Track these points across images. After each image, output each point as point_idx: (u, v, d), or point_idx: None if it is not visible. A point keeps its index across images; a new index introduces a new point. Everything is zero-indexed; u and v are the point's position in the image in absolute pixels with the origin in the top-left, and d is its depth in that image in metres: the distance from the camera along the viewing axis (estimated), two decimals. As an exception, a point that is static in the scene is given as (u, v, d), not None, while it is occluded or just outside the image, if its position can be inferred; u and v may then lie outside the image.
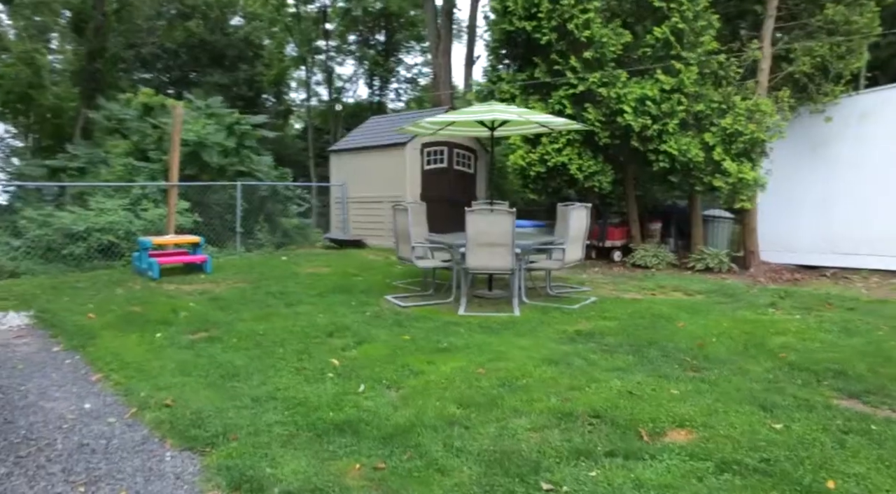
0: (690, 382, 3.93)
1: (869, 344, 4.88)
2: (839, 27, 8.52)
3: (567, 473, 2.69)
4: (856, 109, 8.99)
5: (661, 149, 8.46)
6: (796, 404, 3.52)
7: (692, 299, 6.99)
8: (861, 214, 9.09)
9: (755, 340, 5.02)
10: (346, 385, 3.96)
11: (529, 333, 5.32)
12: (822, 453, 2.84)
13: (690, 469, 2.70)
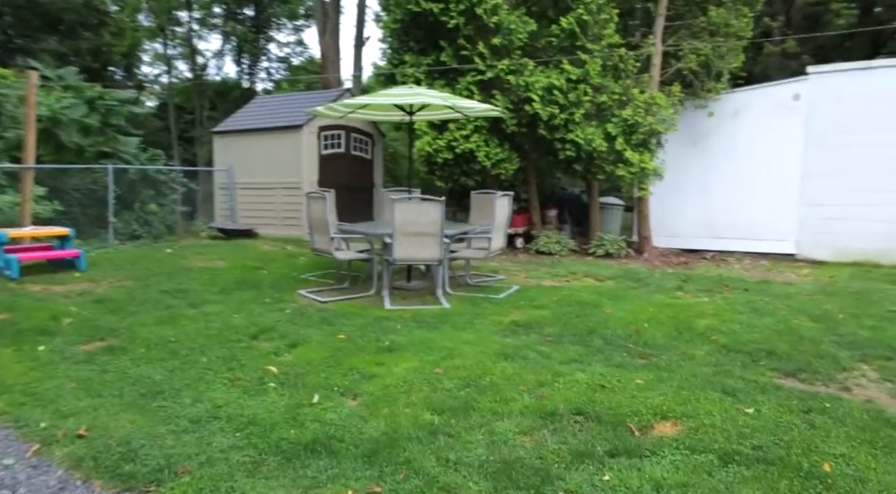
0: (647, 370, 3.98)
1: (779, 323, 5.28)
2: (720, 29, 9.19)
3: (580, 479, 2.55)
4: (731, 106, 9.79)
5: (568, 138, 8.65)
6: (750, 387, 3.67)
7: (606, 285, 7.21)
8: (734, 202, 9.97)
9: (682, 324, 5.24)
10: (295, 395, 3.53)
11: (468, 326, 5.15)
12: (800, 435, 2.95)
13: (696, 463, 2.67)
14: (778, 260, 9.49)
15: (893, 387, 3.81)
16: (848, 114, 9.11)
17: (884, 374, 4.05)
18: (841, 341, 4.77)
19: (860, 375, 4.03)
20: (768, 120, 9.63)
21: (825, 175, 9.32)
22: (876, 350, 4.56)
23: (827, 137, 9.26)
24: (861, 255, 9.04)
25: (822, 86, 9.31)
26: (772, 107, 9.59)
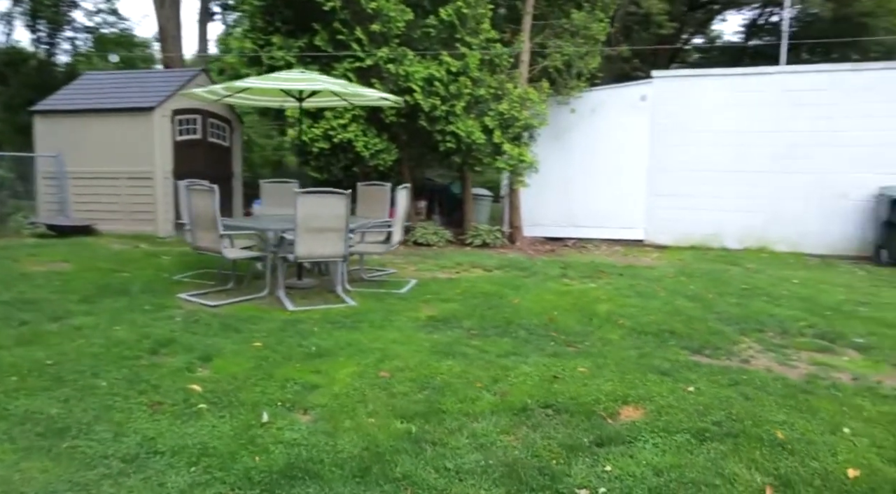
0: (582, 358, 4.15)
1: (666, 305, 5.83)
2: (580, 31, 9.84)
3: (585, 473, 2.57)
4: (590, 104, 10.56)
5: (449, 130, 8.71)
6: (676, 366, 3.99)
7: (496, 275, 7.41)
8: (592, 193, 10.80)
9: (586, 310, 5.56)
10: (237, 416, 3.14)
11: (387, 325, 4.97)
12: (743, 408, 3.27)
13: (677, 444, 2.83)
14: (630, 246, 10.47)
15: (777, 356, 4.38)
16: (685, 115, 10.29)
17: (764, 345, 4.64)
18: (720, 318, 5.39)
19: (747, 347, 4.58)
20: (621, 118, 10.54)
21: (667, 169, 10.45)
22: (749, 324, 5.22)
23: (668, 135, 10.38)
24: (696, 240, 10.31)
25: (664, 89, 10.40)
26: (624, 107, 10.52)
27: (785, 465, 2.63)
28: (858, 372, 4.03)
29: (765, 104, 9.94)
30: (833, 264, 8.92)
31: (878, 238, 9.18)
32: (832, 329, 5.08)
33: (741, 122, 10.03)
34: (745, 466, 2.63)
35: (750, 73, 10.42)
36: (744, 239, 10.14)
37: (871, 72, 9.68)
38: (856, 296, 6.45)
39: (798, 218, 9.91)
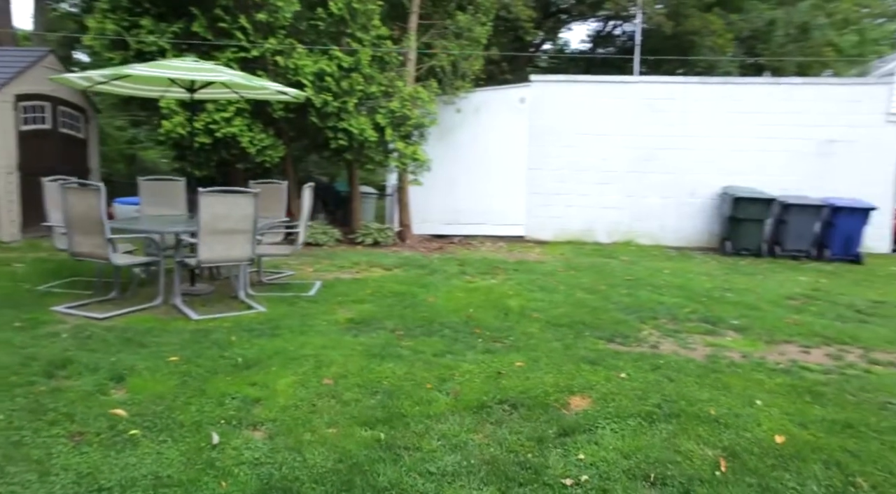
0: (515, 352, 4.30)
1: (569, 298, 6.20)
2: (464, 33, 10.09)
3: (563, 463, 2.69)
4: (474, 104, 10.86)
5: (341, 127, 8.50)
6: (601, 355, 4.28)
7: (396, 274, 7.39)
8: (477, 191, 11.13)
9: (498, 306, 5.75)
10: (182, 440, 2.87)
11: (307, 330, 4.77)
12: (672, 389, 3.59)
13: (632, 428, 3.05)
14: (512, 242, 10.95)
15: (676, 340, 4.86)
16: (560, 118, 10.96)
17: (662, 331, 5.12)
18: (618, 308, 5.85)
19: (649, 334, 5.02)
20: (503, 118, 10.97)
21: (545, 168, 11.07)
22: (644, 312, 5.72)
23: (545, 136, 10.99)
24: (572, 235, 11.04)
25: (541, 92, 10.99)
26: (505, 108, 10.96)
27: (726, 438, 2.95)
28: (744, 350, 4.60)
29: (628, 110, 10.89)
30: (689, 255, 10.03)
31: (724, 231, 10.46)
32: (711, 313, 5.73)
33: (609, 126, 10.90)
34: (695, 442, 2.91)
35: (615, 81, 11.34)
36: (612, 233, 11.05)
37: (715, 85, 11.01)
38: (719, 284, 7.32)
39: (658, 214, 11.00)
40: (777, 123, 10.65)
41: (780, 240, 10.18)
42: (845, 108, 10.57)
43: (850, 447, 2.90)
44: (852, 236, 9.92)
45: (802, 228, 10.04)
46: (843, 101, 10.57)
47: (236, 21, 8.05)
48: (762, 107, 10.67)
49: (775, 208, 10.05)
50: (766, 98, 10.69)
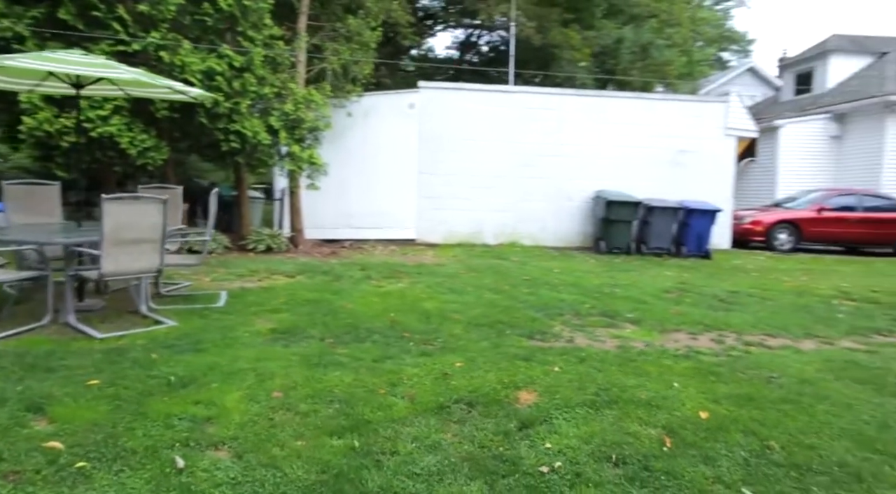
0: (450, 353, 4.45)
1: (479, 299, 6.48)
2: (354, 37, 10.08)
3: (534, 453, 2.89)
4: (364, 108, 10.86)
5: (233, 129, 8.13)
6: (528, 352, 4.56)
7: (301, 281, 7.24)
8: (368, 195, 11.15)
9: (416, 309, 5.88)
10: (141, 468, 2.69)
11: (233, 343, 4.57)
12: (604, 378, 3.95)
13: (582, 416, 3.33)
14: (404, 245, 11.12)
15: (586, 334, 5.29)
16: (448, 124, 11.31)
17: (570, 326, 5.56)
18: (527, 306, 6.23)
19: (561, 329, 5.43)
20: (393, 123, 11.09)
21: (434, 172, 11.36)
22: (550, 310, 6.15)
23: (434, 141, 11.29)
24: (461, 238, 11.44)
25: (429, 98, 11.27)
26: (395, 113, 11.09)
27: (662, 418, 3.34)
28: (645, 340, 5.15)
29: (511, 118, 11.52)
30: (570, 254, 10.83)
31: (597, 231, 11.43)
32: (608, 308, 6.31)
33: (493, 133, 11.45)
34: (638, 424, 3.26)
35: (498, 90, 11.93)
36: (499, 235, 11.61)
37: (588, 98, 11.99)
38: (605, 280, 8.03)
39: (539, 217, 11.74)
40: (640, 134, 11.84)
41: (645, 239, 11.33)
42: (694, 123, 12.01)
43: (757, 417, 3.42)
44: (703, 235, 11.30)
45: (663, 228, 11.25)
46: (692, 116, 12.01)
47: (113, 10, 7.40)
48: (628, 119, 11.80)
49: (641, 210, 11.16)
50: (631, 111, 11.84)
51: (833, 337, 5.57)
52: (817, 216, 13.36)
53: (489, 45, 29.07)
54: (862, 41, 20.08)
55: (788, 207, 13.94)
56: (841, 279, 9.60)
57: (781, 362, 4.57)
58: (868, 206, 13.67)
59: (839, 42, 19.82)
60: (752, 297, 7.43)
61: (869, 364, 4.67)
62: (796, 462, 2.91)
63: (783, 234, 13.27)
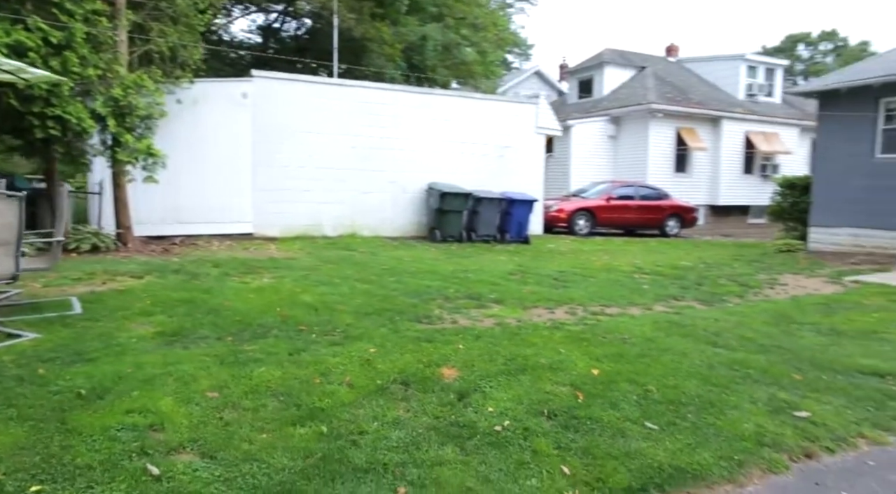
0: (359, 342, 4.65)
1: (354, 290, 6.68)
2: (181, 19, 9.42)
3: (482, 415, 3.31)
4: (193, 95, 10.17)
5: (53, 114, 7.17)
6: (429, 335, 4.95)
7: (157, 281, 6.76)
8: (200, 188, 10.51)
9: (298, 302, 5.92)
10: (112, 483, 2.58)
11: (124, 350, 4.25)
12: (503, 350, 4.50)
13: (505, 382, 3.83)
14: (241, 240, 10.72)
15: (463, 315, 5.83)
16: (284, 115, 11.10)
17: (446, 309, 6.05)
18: (400, 293, 6.61)
19: (440, 313, 5.91)
20: (225, 112, 10.56)
21: (272, 164, 11.09)
22: (422, 296, 6.60)
23: (271, 133, 11.01)
24: (301, 230, 11.36)
25: (264, 88, 10.93)
26: (227, 102, 10.57)
27: (566, 378, 3.98)
28: (515, 316, 5.86)
29: (348, 111, 11.68)
30: (410, 244, 11.39)
31: (432, 221, 12.15)
32: (470, 291, 6.95)
33: (332, 126, 11.51)
34: (551, 384, 3.86)
35: (334, 83, 11.99)
36: (338, 227, 11.74)
37: (420, 95, 12.60)
38: (455, 267, 8.71)
39: (377, 208, 12.11)
40: (467, 130, 12.80)
41: (474, 227, 12.34)
42: (512, 121, 13.32)
43: (630, 369, 4.24)
44: (523, 222, 12.66)
45: (490, 217, 12.36)
46: (510, 116, 13.31)
47: None
48: (456, 116, 12.68)
49: (470, 201, 12.13)
50: (459, 109, 12.74)
51: (648, 304, 6.85)
52: (607, 204, 15.70)
53: (295, 33, 28.45)
54: (629, 56, 23.72)
55: (584, 197, 16.14)
56: (632, 257, 11.53)
57: (625, 326, 5.58)
58: (642, 195, 16.41)
59: (612, 55, 23.18)
60: (576, 276, 8.67)
61: (682, 322, 5.90)
62: (670, 398, 3.74)
63: (582, 220, 15.36)
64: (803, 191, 13.48)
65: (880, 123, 12.06)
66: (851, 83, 12.35)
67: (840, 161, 12.57)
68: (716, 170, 20.39)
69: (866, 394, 4.04)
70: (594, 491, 2.67)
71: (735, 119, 20.37)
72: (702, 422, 3.42)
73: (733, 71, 22.23)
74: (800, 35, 55.12)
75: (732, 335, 5.42)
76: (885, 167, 11.86)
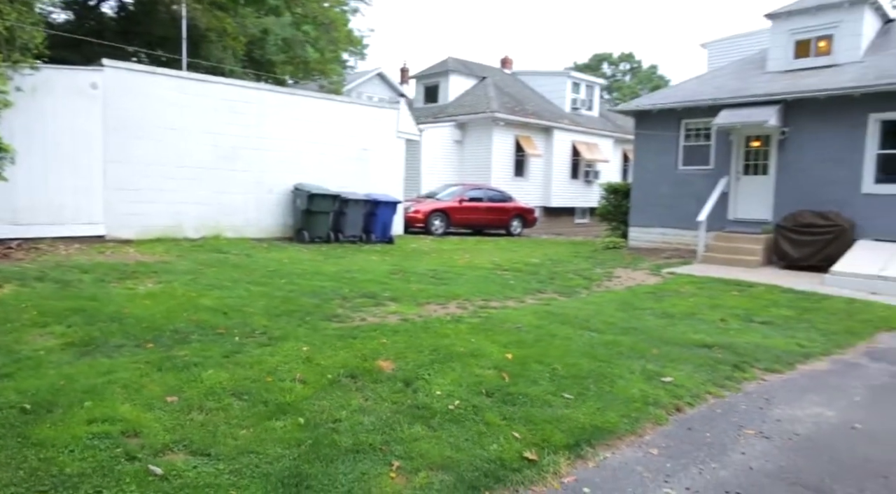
0: (289, 341, 4.84)
1: (249, 292, 6.70)
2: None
3: (433, 398, 3.78)
4: (32, 82, 9.15)
5: None
6: (348, 331, 5.27)
7: (27, 291, 6.18)
8: (42, 187, 9.50)
9: (201, 307, 5.86)
10: (114, 489, 2.66)
11: (37, 363, 4.06)
12: (425, 342, 4.97)
13: (440, 368, 4.32)
14: (92, 243, 9.89)
15: (367, 313, 6.21)
16: (141, 110, 10.42)
17: (348, 308, 6.37)
18: (299, 294, 6.78)
19: (344, 312, 6.22)
20: (71, 103, 9.64)
21: (126, 161, 10.34)
22: (321, 296, 6.83)
23: (126, 128, 10.27)
24: (160, 232, 10.75)
25: (116, 79, 10.15)
26: (75, 92, 9.65)
27: (488, 363, 4.58)
28: (415, 312, 6.37)
29: (211, 109, 11.26)
30: (279, 245, 11.33)
31: (300, 222, 12.16)
32: (363, 290, 7.32)
33: (193, 122, 11.02)
34: (480, 368, 4.43)
35: (195, 78, 11.43)
36: (200, 228, 11.28)
37: (284, 94, 12.50)
38: (337, 268, 8.97)
39: (241, 208, 11.82)
40: (333, 132, 12.97)
41: (341, 228, 12.59)
42: (374, 125, 13.74)
43: (535, 352, 4.97)
44: (387, 223, 13.17)
45: (356, 218, 12.70)
46: (373, 119, 13.72)
47: None
48: (321, 118, 12.79)
49: (338, 203, 12.36)
50: (323, 111, 12.86)
51: (521, 297, 7.76)
52: (460, 206, 16.77)
53: (118, 14, 26.09)
54: (471, 66, 25.27)
55: (439, 198, 17.06)
56: (489, 255, 12.60)
57: (513, 317, 6.37)
58: (490, 198, 17.77)
59: (456, 64, 24.53)
60: (449, 274, 9.40)
61: (555, 312, 6.85)
62: (573, 373, 4.52)
63: (437, 221, 16.25)
64: (625, 196, 15.64)
65: (681, 140, 14.44)
66: (660, 106, 14.64)
67: (652, 171, 14.82)
68: (548, 174, 22.61)
69: (703, 362, 5.18)
70: (544, 449, 3.29)
71: (564, 129, 22.75)
72: (602, 391, 4.23)
73: (561, 85, 24.75)
74: (604, 54, 62.10)
75: (598, 321, 6.45)
76: (685, 177, 14.23)
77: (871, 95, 11.29)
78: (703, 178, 13.59)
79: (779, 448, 3.58)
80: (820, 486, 3.12)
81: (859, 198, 11.53)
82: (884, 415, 4.27)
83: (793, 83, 12.50)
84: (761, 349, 5.71)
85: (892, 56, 12.22)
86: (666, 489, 3.03)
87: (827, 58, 12.82)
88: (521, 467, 3.09)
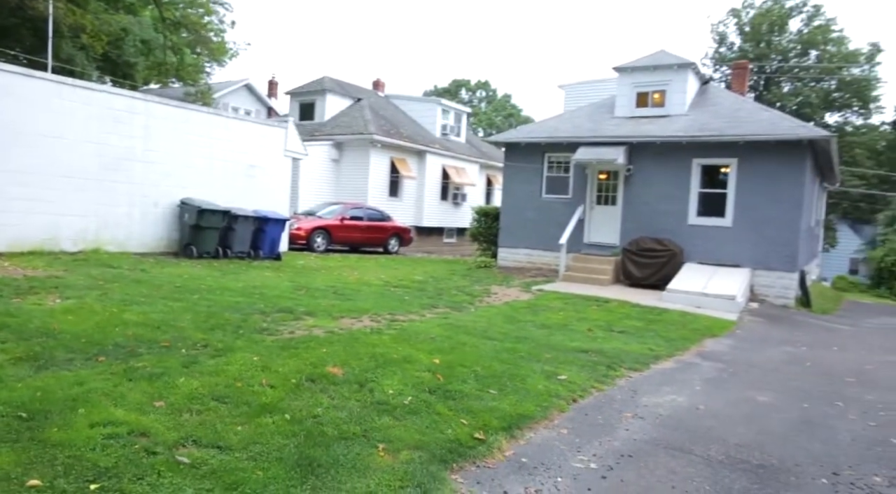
0: (233, 353, 5.22)
1: (171, 308, 6.83)
2: None
3: (388, 396, 4.46)
4: None
5: None
6: (261, 347, 5.74)
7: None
8: None
9: (129, 322, 5.97)
10: (159, 472, 3.08)
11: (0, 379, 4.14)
12: (361, 350, 5.59)
13: (383, 371, 5.00)
14: (-46, 255, 9.12)
15: (289, 327, 6.67)
16: (18, 113, 9.80)
17: (271, 323, 6.80)
18: (219, 310, 7.02)
19: (270, 325, 6.63)
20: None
21: (-3, 169, 9.66)
22: (240, 311, 7.13)
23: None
24: (33, 245, 10.13)
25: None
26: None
27: (422, 366, 5.34)
28: (334, 326, 6.93)
29: (93, 117, 10.82)
30: (166, 261, 11.13)
31: (188, 238, 11.99)
32: (277, 305, 7.71)
33: (76, 131, 10.53)
34: (417, 371, 5.18)
35: (77, 85, 10.90)
36: (79, 241, 10.76)
37: (173, 107, 12.29)
38: (239, 284, 9.17)
39: (124, 222, 11.42)
40: (220, 148, 12.96)
41: (229, 244, 12.59)
42: (262, 142, 13.90)
43: (456, 358, 5.81)
44: (276, 240, 13.38)
45: (245, 234, 12.78)
46: (262, 137, 13.88)
47: None
48: (210, 133, 12.74)
49: (227, 219, 12.37)
50: (212, 126, 12.81)
51: (420, 311, 8.60)
52: (341, 224, 17.27)
53: None
54: (346, 86, 25.85)
55: (320, 216, 17.41)
56: (375, 272, 13.32)
57: (424, 328, 7.18)
58: (370, 217, 18.46)
59: (332, 84, 24.97)
60: (348, 290, 10.00)
61: (456, 324, 7.78)
62: (491, 374, 5.42)
63: (319, 238, 16.60)
64: (494, 219, 17.15)
65: (545, 171, 16.27)
66: (527, 140, 16.40)
67: (519, 197, 16.48)
68: (421, 196, 23.79)
69: (584, 363, 6.37)
70: (488, 432, 4.14)
71: (435, 153, 24.11)
72: (517, 387, 5.19)
73: (432, 111, 26.18)
74: (463, 81, 65.56)
75: (494, 331, 7.48)
76: (548, 204, 16.02)
77: (694, 144, 13.79)
78: (563, 206, 15.44)
79: (651, 425, 4.75)
80: (683, 447, 4.30)
81: (686, 227, 13.93)
82: (717, 399, 5.68)
83: (636, 129, 14.78)
84: (624, 353, 7.07)
85: (709, 112, 14.96)
86: (580, 456, 4.02)
87: (661, 109, 15.31)
88: (475, 445, 3.91)
